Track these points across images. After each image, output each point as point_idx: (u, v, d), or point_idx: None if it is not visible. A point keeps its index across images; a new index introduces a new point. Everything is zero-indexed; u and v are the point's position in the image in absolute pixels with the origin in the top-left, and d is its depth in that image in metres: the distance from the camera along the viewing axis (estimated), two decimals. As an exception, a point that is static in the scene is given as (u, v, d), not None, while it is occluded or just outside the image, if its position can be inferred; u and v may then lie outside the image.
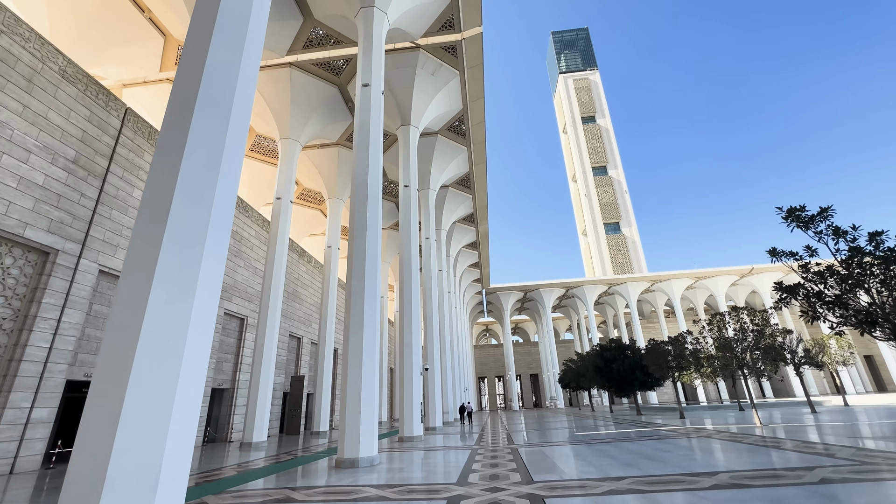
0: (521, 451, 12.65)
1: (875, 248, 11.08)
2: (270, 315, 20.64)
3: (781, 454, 9.34)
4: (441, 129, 29.03)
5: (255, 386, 19.26)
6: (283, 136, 24.89)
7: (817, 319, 12.05)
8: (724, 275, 68.62)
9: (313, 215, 38.79)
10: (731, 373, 18.42)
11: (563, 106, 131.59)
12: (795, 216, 12.18)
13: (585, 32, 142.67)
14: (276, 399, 27.14)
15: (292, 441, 21.31)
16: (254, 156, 31.13)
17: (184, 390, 5.09)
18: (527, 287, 71.58)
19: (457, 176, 34.45)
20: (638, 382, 30.73)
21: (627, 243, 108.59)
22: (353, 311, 12.20)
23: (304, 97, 24.51)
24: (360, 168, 14.21)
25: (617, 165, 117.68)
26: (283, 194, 23.43)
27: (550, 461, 10.44)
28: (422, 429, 18.33)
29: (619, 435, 16.36)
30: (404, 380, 18.66)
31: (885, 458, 8.33)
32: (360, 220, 13.34)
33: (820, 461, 8.22)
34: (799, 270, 12.72)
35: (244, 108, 6.96)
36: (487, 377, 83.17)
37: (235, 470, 11.60)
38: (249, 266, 25.41)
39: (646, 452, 10.81)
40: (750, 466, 8.06)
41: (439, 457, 12.45)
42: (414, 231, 21.58)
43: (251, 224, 26.19)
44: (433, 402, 24.67)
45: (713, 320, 18.92)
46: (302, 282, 32.46)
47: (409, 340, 19.32)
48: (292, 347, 30.54)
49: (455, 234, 44.33)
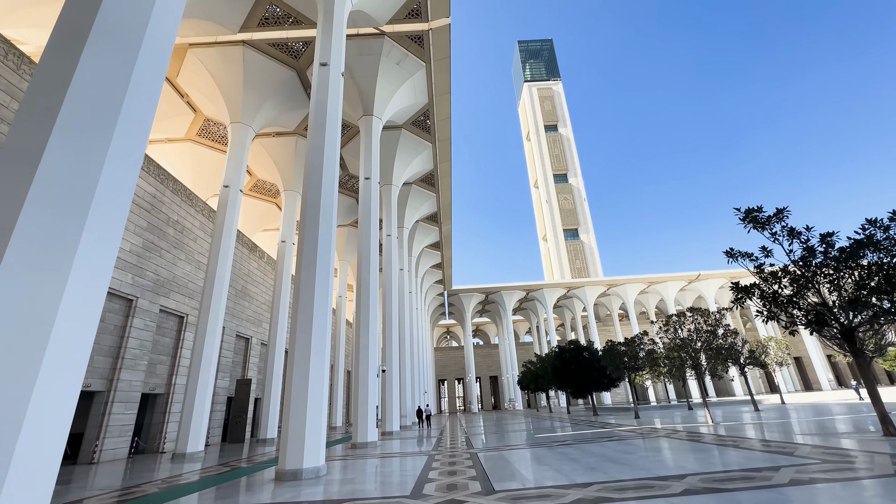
0: (480, 456, 11.98)
1: (826, 250, 11.38)
2: (213, 312, 18.87)
3: (743, 453, 9.22)
4: (405, 122, 28.14)
5: (191, 390, 17.45)
6: (233, 121, 23.06)
7: (773, 319, 12.26)
8: (674, 280, 72.03)
9: (267, 209, 36.59)
10: (685, 372, 18.77)
11: (527, 113, 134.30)
12: (752, 217, 12.35)
13: (550, 44, 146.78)
14: (218, 405, 25.05)
15: (234, 450, 19.57)
16: (201, 141, 28.82)
17: (44, 396, 3.87)
18: (488, 289, 71.79)
19: (421, 173, 33.64)
20: (595, 383, 31.13)
21: (585, 249, 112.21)
22: (302, 306, 11.07)
23: (259, 79, 22.84)
24: (314, 151, 13.09)
25: (577, 174, 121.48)
26: (231, 182, 21.66)
27: (512, 467, 9.82)
28: (377, 434, 17.29)
29: (579, 436, 16.11)
30: (359, 382, 17.55)
31: (841, 455, 8.35)
32: (314, 207, 12.23)
33: (783, 460, 8.09)
34: (754, 271, 12.94)
35: (162, 41, 5.74)
36: (447, 379, 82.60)
37: (158, 486, 10.12)
38: (192, 259, 23.30)
39: (609, 455, 10.44)
40: (717, 468, 7.79)
41: (394, 464, 11.54)
42: (374, 226, 20.55)
43: (195, 214, 24.07)
44: (390, 406, 23.62)
45: (669, 321, 19.26)
46: (252, 278, 30.38)
47: (366, 341, 18.24)
48: (239, 349, 28.43)
49: (418, 234, 43.42)
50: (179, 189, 22.79)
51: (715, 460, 8.64)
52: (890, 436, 10.33)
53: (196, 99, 25.14)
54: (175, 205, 22.33)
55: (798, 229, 11.44)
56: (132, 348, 18.65)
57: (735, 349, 19.98)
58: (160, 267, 20.81)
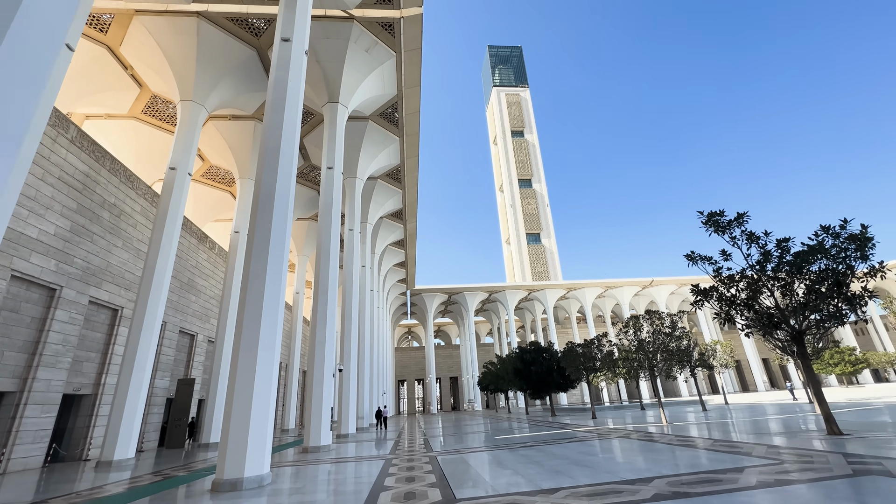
0: (440, 460, 11.41)
1: (781, 255, 11.74)
2: (151, 305, 17.18)
3: (705, 454, 9.22)
4: (373, 114, 27.20)
5: (122, 390, 15.74)
6: (184, 98, 21.27)
7: (730, 321, 12.54)
8: (629, 285, 74.89)
9: (221, 197, 34.34)
10: (642, 373, 19.14)
11: (495, 117, 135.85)
12: (714, 221, 12.60)
13: (519, 51, 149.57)
14: (156, 406, 23.00)
15: (171, 456, 17.91)
16: (147, 120, 26.49)
17: None
18: (451, 290, 71.55)
19: (387, 167, 32.73)
20: (554, 384, 31.44)
21: (546, 253, 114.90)
22: (251, 297, 10.07)
23: (215, 56, 21.20)
24: (271, 132, 12.06)
25: (541, 179, 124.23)
26: (179, 164, 19.92)
27: (473, 471, 9.33)
28: (331, 437, 16.32)
29: (540, 437, 15.93)
30: (314, 382, 16.52)
31: (799, 454, 8.48)
32: (268, 191, 11.22)
33: (746, 461, 8.09)
34: (713, 275, 13.21)
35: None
36: (407, 380, 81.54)
37: (70, 500, 8.79)
38: (130, 247, 21.22)
39: (572, 457, 10.19)
40: (683, 469, 7.64)
41: (348, 470, 10.74)
42: (335, 218, 19.53)
43: (136, 198, 21.97)
44: (347, 407, 22.57)
45: (629, 323, 19.61)
46: (201, 270, 28.27)
47: (322, 338, 17.22)
48: (183, 346, 26.33)
49: (382, 231, 42.39)
50: (118, 169, 20.69)
51: (679, 462, 8.55)
52: (834, 434, 10.75)
53: (142, 72, 23.01)
54: (112, 186, 20.23)
55: (757, 234, 11.75)
56: (53, 343, 16.59)
57: (689, 352, 20.66)
58: (92, 254, 18.73)
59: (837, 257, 11.05)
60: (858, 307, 11.04)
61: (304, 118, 27.29)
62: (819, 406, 11.23)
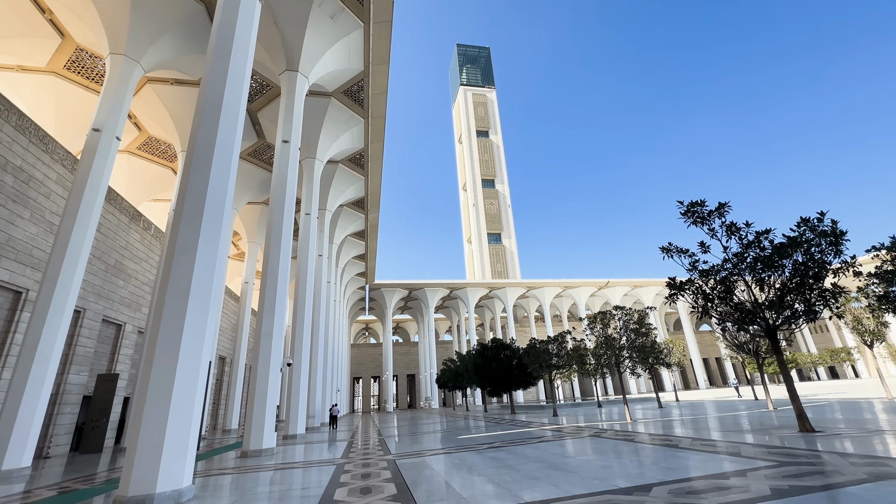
0: (399, 465, 10.10)
1: (761, 246, 11.41)
2: (61, 286, 14.58)
3: (694, 456, 8.54)
4: (336, 90, 25.27)
5: (16, 387, 13.15)
6: (115, 52, 18.50)
7: (706, 315, 12.14)
8: (586, 286, 76.72)
9: (160, 173, 30.95)
10: (607, 369, 18.79)
11: (461, 116, 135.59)
12: (693, 211, 12.14)
13: (487, 51, 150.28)
14: (69, 405, 19.93)
15: (83, 463, 15.34)
16: (71, 77, 23.08)
17: None
18: (412, 285, 70.06)
19: (349, 151, 30.80)
20: (515, 381, 30.92)
21: (506, 253, 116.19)
22: (177, 274, 8.27)
23: (154, 7, 18.60)
24: (213, 81, 10.20)
25: (503, 180, 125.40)
26: (105, 126, 17.24)
27: (439, 479, 8.12)
28: (275, 439, 14.53)
29: (506, 437, 15.00)
30: (258, 376, 14.65)
31: (788, 454, 7.96)
32: (205, 148, 9.39)
33: (743, 463, 7.43)
34: (689, 268, 12.79)
35: None
36: (363, 377, 79.14)
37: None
38: (41, 220, 18.15)
39: (548, 459, 9.23)
40: (680, 473, 6.82)
41: (292, 479, 9.18)
42: (290, 195, 17.62)
43: (51, 163, 18.85)
44: (296, 405, 20.64)
45: (597, 317, 19.19)
46: (132, 253, 25.09)
47: (270, 328, 15.35)
48: (107, 337, 23.18)
49: (341, 220, 40.20)
50: (28, 128, 17.59)
51: (670, 464, 7.77)
52: (807, 431, 10.53)
53: (64, 19, 19.88)
54: (19, 146, 17.14)
55: (738, 224, 11.36)
56: (-72, 329, 13.62)
57: (655, 348, 20.61)
58: (-13, 224, 15.70)
59: (814, 251, 10.84)
60: (832, 303, 10.90)
61: (259, 90, 24.90)
62: (792, 403, 11.00)
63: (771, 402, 19.19)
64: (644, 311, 19.26)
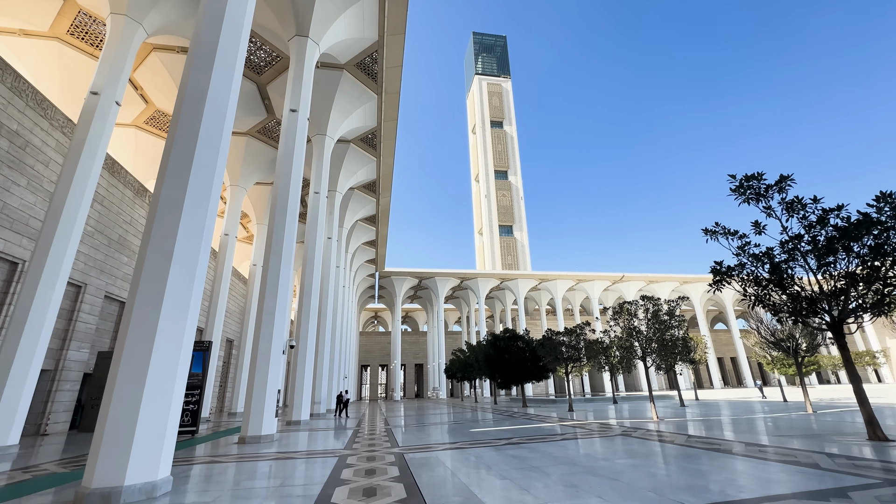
0: (408, 460, 8.99)
1: (821, 228, 9.88)
2: (52, 257, 13.74)
3: (760, 465, 7.23)
4: (349, 62, 23.97)
5: (3, 361, 12.34)
6: (115, 11, 17.47)
7: (759, 304, 10.72)
8: (600, 280, 74.84)
9: None
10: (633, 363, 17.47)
11: (475, 106, 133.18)
12: (749, 186, 10.65)
13: (503, 40, 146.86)
14: (69, 382, 19.33)
15: (75, 443, 14.61)
16: (74, 44, 22.17)
17: None
18: (422, 274, 69.05)
19: (361, 129, 29.54)
20: (528, 373, 29.73)
21: (517, 246, 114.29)
22: (159, 234, 7.18)
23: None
24: (209, 17, 9.01)
25: (517, 172, 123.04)
26: (104, 90, 16.28)
27: (456, 480, 6.96)
28: (276, 425, 13.58)
29: (524, 432, 13.83)
30: (258, 358, 13.67)
31: (885, 468, 6.61)
32: (197, 89, 8.23)
33: (836, 479, 6.11)
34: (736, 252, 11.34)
35: None
36: (371, 365, 78.80)
37: None
38: (39, 189, 17.34)
39: (580, 462, 8.02)
40: (757, 490, 5.53)
41: (286, 472, 8.13)
42: (297, 166, 16.45)
43: (51, 129, 17.99)
44: (301, 390, 19.77)
45: (623, 307, 17.80)
46: (137, 228, 24.35)
47: (272, 307, 14.33)
48: (110, 314, 22.55)
49: (352, 203, 39.13)
50: (25, 90, 16.69)
51: (731, 475, 6.49)
52: (879, 440, 9.12)
53: (65, -22, 18.86)
54: (15, 109, 16.26)
55: (804, 200, 9.84)
56: (-86, 297, 12.89)
57: (687, 343, 19.19)
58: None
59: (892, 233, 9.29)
60: (913, 293, 9.38)
61: (268, 61, 23.74)
62: (860, 407, 9.57)
63: (810, 404, 17.66)
64: (675, 302, 17.81)
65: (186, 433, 15.87)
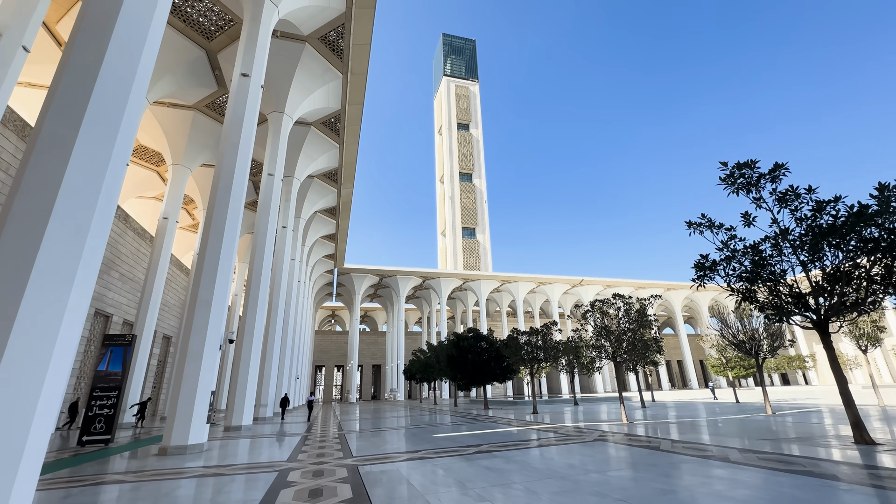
0: (364, 475, 7.53)
1: (813, 219, 9.42)
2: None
3: (759, 474, 6.40)
4: (312, 35, 22.01)
5: None
6: None
7: (746, 301, 10.17)
8: (560, 283, 75.98)
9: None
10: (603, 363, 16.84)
11: (442, 107, 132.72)
12: (741, 174, 10.09)
13: (473, 44, 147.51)
14: None
15: None
16: None
17: None
18: (384, 272, 66.96)
19: (324, 112, 27.52)
20: (491, 374, 28.82)
21: (479, 248, 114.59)
22: (33, 180, 5.32)
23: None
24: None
25: (481, 175, 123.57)
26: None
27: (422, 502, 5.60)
28: (206, 432, 11.60)
29: (493, 438, 12.67)
30: (188, 355, 11.64)
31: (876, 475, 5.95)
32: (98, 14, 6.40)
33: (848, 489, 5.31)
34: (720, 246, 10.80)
35: None
36: (326, 366, 75.50)
37: None
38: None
39: (568, 475, 6.91)
40: None
41: (205, 496, 6.43)
42: (245, 139, 14.47)
43: None
44: (243, 392, 17.64)
45: (594, 305, 17.17)
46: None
47: (209, 296, 12.31)
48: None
49: (311, 193, 36.72)
50: None
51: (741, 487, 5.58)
52: (866, 443, 8.72)
53: None
54: None
55: (799, 190, 9.34)
56: None
57: (657, 342, 18.88)
58: None
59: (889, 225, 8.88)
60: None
61: (220, 25, 21.33)
62: (847, 410, 9.17)
63: (769, 405, 17.79)
64: (648, 300, 17.42)
65: (98, 442, 13.47)
